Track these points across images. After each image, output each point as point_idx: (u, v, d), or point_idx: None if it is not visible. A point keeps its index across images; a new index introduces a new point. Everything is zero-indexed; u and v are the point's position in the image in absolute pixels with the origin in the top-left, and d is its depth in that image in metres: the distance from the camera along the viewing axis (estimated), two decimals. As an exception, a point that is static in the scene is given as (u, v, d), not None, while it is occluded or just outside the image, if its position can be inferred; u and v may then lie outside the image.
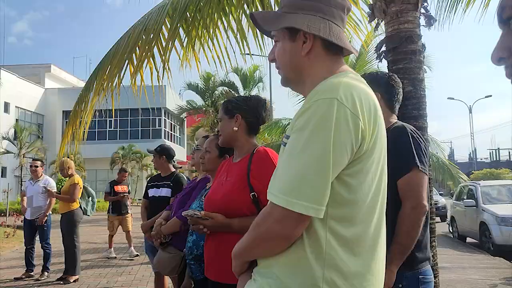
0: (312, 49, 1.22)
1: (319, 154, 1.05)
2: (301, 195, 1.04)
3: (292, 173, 1.07)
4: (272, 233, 1.09)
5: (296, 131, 1.10)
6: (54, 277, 6.41)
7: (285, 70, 1.27)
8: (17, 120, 29.62)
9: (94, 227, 13.98)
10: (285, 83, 1.31)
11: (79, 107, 4.85)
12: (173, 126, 37.48)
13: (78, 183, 6.47)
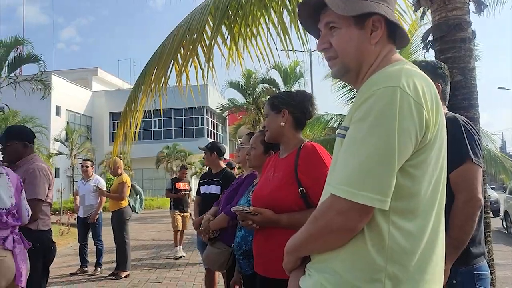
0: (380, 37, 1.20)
1: (383, 143, 1.02)
2: (366, 186, 1.02)
3: (355, 164, 1.04)
4: (334, 226, 1.07)
5: (356, 122, 1.08)
6: (106, 272, 6.67)
7: (347, 58, 1.21)
8: (68, 122, 30.93)
9: (142, 225, 14.42)
10: (342, 73, 1.25)
11: (129, 108, 5.01)
12: (216, 124, 37.94)
13: (126, 182, 6.69)
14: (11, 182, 2.70)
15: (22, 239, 2.71)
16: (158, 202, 24.77)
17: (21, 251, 2.65)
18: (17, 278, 2.56)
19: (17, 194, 2.74)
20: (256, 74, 22.55)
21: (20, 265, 2.60)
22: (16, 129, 3.58)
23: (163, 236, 11.44)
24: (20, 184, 2.82)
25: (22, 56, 20.22)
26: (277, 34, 4.25)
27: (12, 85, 19.85)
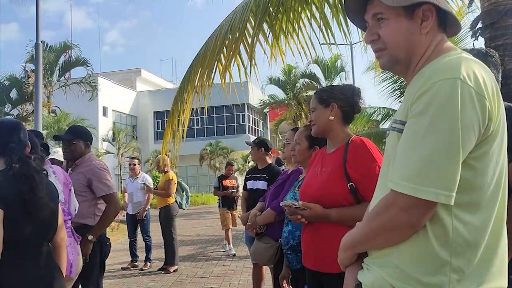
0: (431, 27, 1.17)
1: (447, 137, 1.00)
2: (430, 181, 1.00)
3: (418, 159, 1.02)
4: (398, 222, 1.06)
5: (416, 115, 1.05)
6: (156, 267, 6.88)
7: (396, 50, 1.19)
8: (114, 122, 31.98)
9: (187, 221, 14.73)
10: (391, 64, 1.24)
11: (175, 108, 5.14)
12: (257, 121, 38.10)
13: (172, 179, 6.87)
14: (58, 179, 2.83)
15: (73, 233, 2.86)
16: (202, 198, 25.21)
17: (71, 244, 2.78)
18: (67, 269, 2.65)
19: (66, 190, 2.90)
20: (296, 69, 22.46)
21: (70, 256, 2.72)
22: (80, 128, 3.72)
23: (208, 232, 11.65)
24: (68, 181, 2.97)
25: (71, 60, 21.13)
26: (318, 28, 4.23)
27: (63, 88, 20.79)
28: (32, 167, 1.95)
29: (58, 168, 2.97)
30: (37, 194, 1.89)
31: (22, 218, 1.86)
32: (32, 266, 1.93)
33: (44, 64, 14.29)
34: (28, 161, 1.96)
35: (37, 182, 1.92)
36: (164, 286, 5.76)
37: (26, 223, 1.88)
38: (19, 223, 1.86)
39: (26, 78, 19.69)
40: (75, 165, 3.43)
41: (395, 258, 1.10)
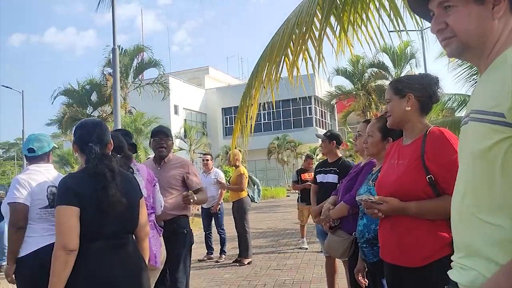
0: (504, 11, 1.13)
1: None
2: None
3: None
4: None
5: None
6: (230, 259, 7.10)
7: (468, 37, 1.15)
8: (185, 120, 33.15)
9: (258, 214, 14.95)
10: (460, 51, 1.19)
11: (244, 103, 5.25)
12: (324, 113, 37.67)
13: (244, 173, 7.04)
14: (141, 176, 2.99)
15: (155, 226, 3.03)
16: (271, 192, 25.42)
17: (154, 235, 2.95)
18: (151, 259, 2.84)
19: (149, 186, 3.06)
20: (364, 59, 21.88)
21: (153, 247, 2.88)
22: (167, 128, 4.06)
23: (279, 225, 11.77)
24: (152, 178, 3.14)
25: (144, 62, 22.19)
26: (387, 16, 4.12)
27: (137, 89, 21.90)
28: (106, 166, 2.06)
29: (142, 166, 3.16)
30: (108, 192, 2.01)
31: (99, 214, 1.99)
32: (117, 258, 2.07)
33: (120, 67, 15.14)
34: (104, 159, 2.08)
35: (109, 180, 2.03)
36: (239, 278, 5.93)
37: (103, 219, 2.01)
38: (96, 219, 1.99)
39: (105, 81, 21.00)
40: (164, 162, 3.74)
41: (492, 254, 1.04)
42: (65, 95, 22.70)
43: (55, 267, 1.90)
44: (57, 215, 1.96)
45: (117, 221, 2.06)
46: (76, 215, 1.93)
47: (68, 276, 1.90)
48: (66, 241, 1.90)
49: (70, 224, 1.92)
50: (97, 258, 2.00)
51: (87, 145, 2.10)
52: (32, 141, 3.07)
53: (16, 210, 2.79)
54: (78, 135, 2.19)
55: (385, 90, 2.21)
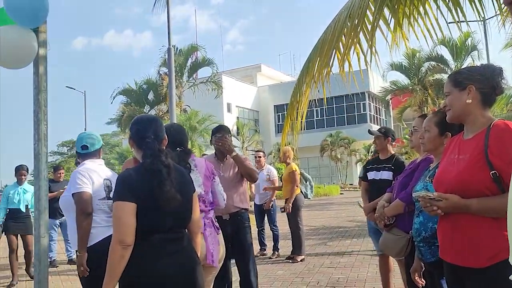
0: None
1: None
2: None
3: None
4: None
5: None
6: (283, 255, 7.10)
7: None
8: (238, 118, 33.52)
9: (311, 212, 14.86)
10: None
11: (294, 99, 5.22)
12: (378, 109, 36.76)
13: (295, 170, 7.01)
14: (198, 172, 3.01)
15: (213, 224, 3.03)
16: (324, 189, 25.16)
17: (212, 234, 2.95)
18: (208, 257, 2.87)
19: (207, 182, 3.06)
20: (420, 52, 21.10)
21: (210, 246, 2.89)
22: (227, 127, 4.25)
23: (332, 223, 11.63)
24: (210, 174, 3.14)
25: (197, 61, 22.68)
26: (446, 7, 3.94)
27: (192, 88, 22.42)
28: (161, 162, 2.09)
29: (201, 162, 3.15)
30: (163, 188, 2.04)
31: (155, 209, 2.03)
32: (172, 252, 2.11)
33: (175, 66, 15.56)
34: (160, 155, 2.11)
35: (165, 176, 2.06)
36: (292, 274, 5.92)
37: (158, 214, 2.05)
38: (152, 215, 2.03)
39: (160, 81, 21.68)
40: (226, 158, 3.86)
41: None
42: (124, 94, 23.68)
43: (111, 260, 1.97)
44: (114, 210, 2.02)
45: (171, 216, 2.10)
46: (133, 211, 1.98)
47: (123, 268, 1.97)
48: (123, 236, 1.96)
49: (126, 220, 1.97)
50: (153, 252, 2.05)
51: (143, 141, 2.15)
52: (85, 139, 3.23)
53: (81, 198, 2.91)
54: (134, 130, 2.25)
55: (443, 85, 2.11)
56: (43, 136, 2.97)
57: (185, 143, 2.99)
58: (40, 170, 2.96)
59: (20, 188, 6.43)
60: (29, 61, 2.96)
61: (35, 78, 3.00)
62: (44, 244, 2.93)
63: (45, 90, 3.01)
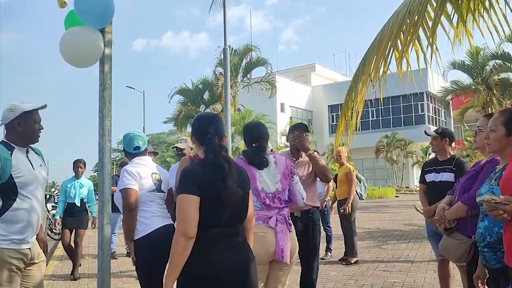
0: None
1: None
2: None
3: None
4: None
5: None
6: (336, 257, 7.01)
7: None
8: (291, 117, 33.45)
9: (365, 214, 14.54)
10: None
11: (349, 98, 5.13)
12: (437, 110, 35.36)
13: (352, 170, 6.90)
14: (277, 169, 3.04)
15: (285, 220, 3.01)
16: (379, 192, 24.57)
17: (283, 230, 2.94)
18: (277, 253, 2.89)
19: (285, 180, 3.05)
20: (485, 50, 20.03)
21: (281, 242, 2.90)
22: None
23: (387, 226, 11.33)
24: (289, 171, 3.11)
25: (252, 61, 22.87)
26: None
27: (246, 87, 22.65)
28: (223, 157, 2.15)
29: (281, 159, 3.15)
30: (226, 182, 2.09)
31: (217, 204, 2.08)
32: (230, 246, 2.15)
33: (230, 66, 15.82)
34: (221, 151, 2.18)
35: (227, 171, 2.12)
36: (345, 276, 5.84)
37: (220, 208, 2.10)
38: (214, 209, 2.08)
39: (216, 81, 22.07)
40: (300, 156, 3.89)
41: None
42: (181, 94, 24.34)
43: (174, 251, 2.03)
44: (178, 203, 2.08)
45: (230, 211, 2.14)
46: (196, 204, 2.04)
47: (185, 260, 2.03)
48: (186, 228, 2.01)
49: (190, 213, 2.03)
50: (213, 245, 2.09)
51: (205, 137, 2.21)
52: (136, 140, 3.45)
53: (127, 195, 3.15)
54: (196, 127, 2.34)
55: (510, 84, 1.99)
56: (107, 131, 3.12)
57: (260, 140, 3.05)
58: (104, 164, 3.11)
59: (77, 182, 6.53)
60: (95, 60, 3.12)
61: (101, 76, 3.15)
62: (107, 234, 3.07)
63: (109, 87, 3.16)
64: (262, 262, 2.84)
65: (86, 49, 3.04)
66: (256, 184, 2.92)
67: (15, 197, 2.67)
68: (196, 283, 2.06)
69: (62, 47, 3.02)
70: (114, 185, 4.23)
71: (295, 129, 3.97)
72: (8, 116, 2.74)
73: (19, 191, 2.69)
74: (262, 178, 2.98)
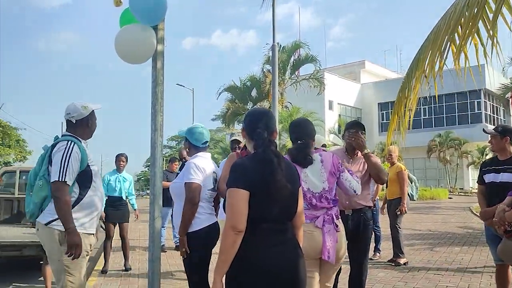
0: None
1: None
2: None
3: None
4: None
5: None
6: (385, 258, 6.85)
7: None
8: (340, 115, 32.96)
9: (417, 215, 14.10)
10: None
11: (402, 95, 4.98)
12: (495, 108, 33.65)
13: (404, 170, 6.70)
14: (324, 167, 3.00)
15: (333, 221, 2.97)
16: (431, 193, 23.69)
17: (330, 230, 2.91)
18: (324, 253, 2.87)
19: (331, 179, 3.01)
20: (549, 45, 18.84)
21: (327, 242, 2.87)
22: None
23: (439, 228, 10.91)
24: (335, 169, 3.06)
25: (300, 58, 22.74)
26: None
27: (294, 85, 22.56)
28: (272, 152, 2.16)
29: (327, 157, 3.10)
30: (275, 177, 2.09)
31: (266, 198, 2.08)
32: (280, 243, 2.14)
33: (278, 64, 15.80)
34: (270, 145, 2.18)
35: (276, 166, 2.11)
36: (394, 278, 5.68)
37: (269, 203, 2.09)
38: (263, 203, 2.08)
39: (264, 78, 22.12)
40: (356, 154, 3.87)
41: None
42: (228, 91, 24.59)
43: (224, 245, 2.04)
44: (228, 197, 2.09)
45: (280, 207, 2.13)
46: (246, 198, 2.04)
47: (234, 254, 2.03)
48: (235, 222, 2.02)
49: (240, 207, 2.03)
50: (262, 240, 2.09)
51: (255, 131, 2.22)
52: (206, 135, 3.44)
53: (192, 189, 3.14)
54: (247, 121, 2.35)
55: None
56: (159, 127, 3.20)
57: (306, 137, 3.02)
58: (156, 158, 3.19)
59: (120, 176, 6.58)
60: (148, 57, 3.20)
61: (153, 72, 3.24)
62: (157, 226, 3.16)
63: (161, 83, 3.24)
64: (311, 258, 2.84)
65: (140, 46, 3.13)
66: (301, 185, 2.88)
67: (90, 185, 2.96)
68: (244, 277, 2.07)
69: (117, 44, 3.13)
70: (164, 180, 4.31)
71: (351, 127, 3.89)
72: (82, 112, 3.03)
73: (93, 179, 2.99)
74: (307, 178, 2.94)
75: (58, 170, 2.78)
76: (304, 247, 2.53)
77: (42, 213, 2.90)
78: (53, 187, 2.79)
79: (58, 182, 2.77)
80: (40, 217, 2.91)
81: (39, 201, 2.88)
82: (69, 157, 2.83)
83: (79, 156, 2.89)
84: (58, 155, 2.84)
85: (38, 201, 2.88)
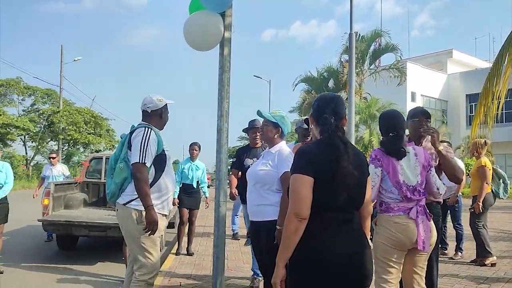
0: None
1: None
2: None
3: None
4: None
5: None
6: (467, 258, 6.41)
7: None
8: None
9: (507, 214, 13.05)
10: None
11: (490, 84, 4.57)
12: None
13: (485, 165, 6.17)
14: (418, 161, 2.96)
15: (425, 211, 2.96)
16: (524, 191, 21.73)
17: (424, 221, 2.91)
18: (419, 243, 2.85)
19: (424, 172, 2.98)
20: None
21: (422, 232, 2.87)
22: None
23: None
24: (427, 164, 3.01)
25: (380, 47, 21.91)
26: None
27: (373, 75, 21.80)
28: (339, 137, 2.08)
29: (420, 150, 3.05)
30: (341, 163, 2.01)
31: (331, 185, 2.00)
32: (346, 232, 2.06)
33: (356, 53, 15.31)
34: (337, 131, 2.10)
35: (342, 152, 2.03)
36: (476, 279, 5.27)
37: (334, 190, 2.01)
38: (328, 190, 2.00)
39: (341, 68, 21.64)
40: (420, 144, 3.59)
41: None
42: (305, 82, 24.41)
43: (286, 231, 2.00)
44: (292, 182, 2.04)
45: (345, 195, 2.05)
46: (310, 184, 1.99)
47: (297, 241, 1.98)
48: (299, 209, 1.97)
49: (304, 193, 1.98)
50: (326, 228, 2.02)
51: (321, 116, 2.15)
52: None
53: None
54: (315, 106, 2.27)
55: None
56: (225, 113, 3.22)
57: (397, 129, 2.97)
58: (221, 144, 3.21)
59: (193, 164, 6.81)
60: (216, 43, 3.22)
61: (220, 59, 3.26)
62: (223, 211, 3.19)
63: (228, 70, 3.25)
64: (404, 248, 2.89)
65: (207, 33, 3.16)
66: (398, 177, 2.89)
67: (164, 169, 3.16)
68: (306, 265, 2.01)
69: (185, 31, 3.19)
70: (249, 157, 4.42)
71: (415, 116, 3.48)
72: (158, 104, 3.25)
73: (167, 162, 3.21)
74: (403, 170, 2.91)
75: (138, 152, 3.01)
76: (400, 239, 2.83)
77: (121, 194, 3.11)
78: (134, 168, 3.01)
79: (139, 163, 2.99)
80: (120, 198, 3.13)
81: (120, 181, 3.09)
82: (148, 141, 3.04)
83: (156, 141, 3.09)
84: (137, 140, 3.05)
85: (119, 181, 3.09)
